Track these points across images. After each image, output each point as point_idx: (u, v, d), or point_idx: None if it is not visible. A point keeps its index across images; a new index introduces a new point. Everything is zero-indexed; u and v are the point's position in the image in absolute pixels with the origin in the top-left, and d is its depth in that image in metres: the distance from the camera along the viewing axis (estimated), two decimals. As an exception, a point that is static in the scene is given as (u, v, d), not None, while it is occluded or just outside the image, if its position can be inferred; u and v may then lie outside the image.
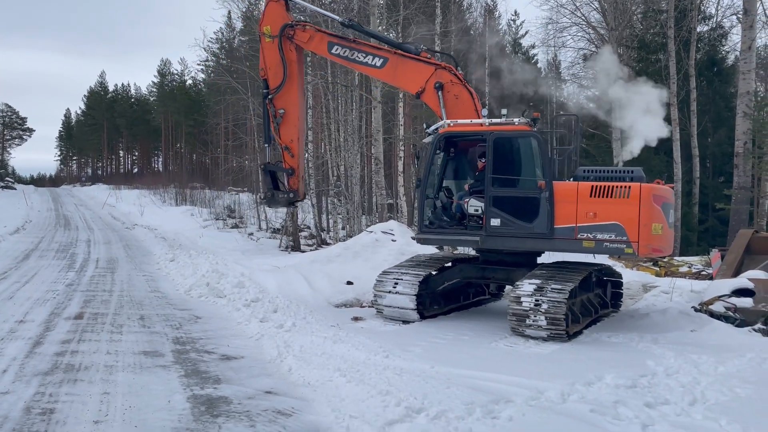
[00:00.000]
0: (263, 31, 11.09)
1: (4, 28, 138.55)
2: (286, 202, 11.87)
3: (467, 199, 9.59)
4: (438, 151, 9.81)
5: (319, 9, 14.79)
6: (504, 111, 9.48)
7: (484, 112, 9.60)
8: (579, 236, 8.63)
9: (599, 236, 8.53)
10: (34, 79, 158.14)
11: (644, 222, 8.41)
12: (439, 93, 10.00)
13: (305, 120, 14.07)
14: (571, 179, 9.34)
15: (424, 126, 10.46)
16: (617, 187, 8.54)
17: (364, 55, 10.73)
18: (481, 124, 9.36)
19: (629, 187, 8.50)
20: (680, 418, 5.24)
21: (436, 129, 9.81)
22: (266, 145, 12.09)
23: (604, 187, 8.60)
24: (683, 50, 24.56)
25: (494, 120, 9.38)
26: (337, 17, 12.20)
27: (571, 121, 10.32)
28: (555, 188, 8.78)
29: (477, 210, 9.38)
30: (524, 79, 14.04)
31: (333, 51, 10.95)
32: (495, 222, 9.04)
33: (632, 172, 9.04)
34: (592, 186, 8.67)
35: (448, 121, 9.68)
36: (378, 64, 10.61)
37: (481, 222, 9.30)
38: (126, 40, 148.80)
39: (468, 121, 9.61)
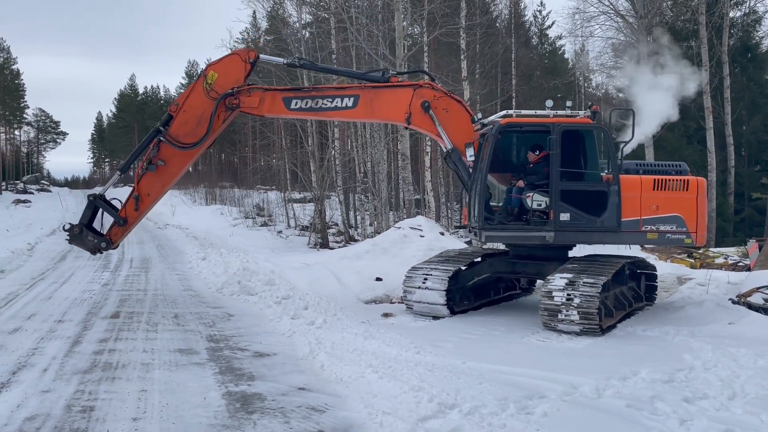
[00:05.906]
0: (207, 74, 9.61)
1: (26, 35, 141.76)
2: (93, 247, 9.99)
3: (530, 194, 9.18)
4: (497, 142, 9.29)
5: (272, 57, 11.41)
6: (569, 103, 9.44)
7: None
8: (643, 228, 8.95)
9: (662, 228, 8.93)
10: (64, 85, 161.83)
11: (701, 213, 9.01)
12: (429, 112, 9.50)
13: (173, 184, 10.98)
14: (624, 172, 9.23)
15: (475, 118, 9.75)
16: (677, 180, 9.04)
17: (331, 99, 9.63)
18: (546, 116, 9.19)
19: (687, 180, 9.04)
20: (720, 412, 5.13)
21: (483, 123, 9.48)
22: (118, 172, 10.50)
23: (665, 180, 9.04)
24: (715, 37, 24.00)
25: (559, 112, 9.28)
26: (281, 60, 10.79)
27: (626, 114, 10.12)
28: (621, 181, 8.91)
29: (541, 204, 9.06)
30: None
31: (293, 106, 9.71)
32: (564, 216, 8.89)
33: (679, 165, 9.50)
34: (654, 179, 9.03)
35: (510, 111, 9.71)
36: (350, 104, 9.60)
37: (545, 217, 9.03)
38: (150, 43, 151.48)
39: (532, 112, 9.58)
